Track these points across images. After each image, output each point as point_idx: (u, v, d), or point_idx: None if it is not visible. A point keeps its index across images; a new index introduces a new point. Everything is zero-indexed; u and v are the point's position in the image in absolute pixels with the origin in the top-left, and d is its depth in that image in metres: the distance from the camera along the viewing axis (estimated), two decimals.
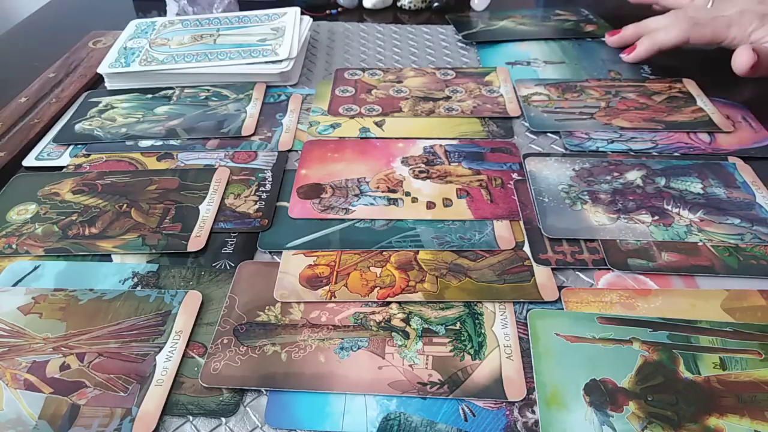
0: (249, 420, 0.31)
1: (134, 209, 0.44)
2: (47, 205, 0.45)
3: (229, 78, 0.59)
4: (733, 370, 0.32)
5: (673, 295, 0.37)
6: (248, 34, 0.63)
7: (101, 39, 0.69)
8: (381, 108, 0.55)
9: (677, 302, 0.36)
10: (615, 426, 0.30)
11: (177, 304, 0.37)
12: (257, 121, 0.54)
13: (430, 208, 0.43)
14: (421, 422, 0.31)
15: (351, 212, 0.43)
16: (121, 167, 0.49)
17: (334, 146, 0.50)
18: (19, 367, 0.34)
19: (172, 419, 0.31)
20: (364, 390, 0.32)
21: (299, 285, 0.38)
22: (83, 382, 0.33)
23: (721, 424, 0.30)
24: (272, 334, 0.35)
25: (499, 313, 0.36)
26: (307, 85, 0.61)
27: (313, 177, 0.47)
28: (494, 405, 0.31)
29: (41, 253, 0.41)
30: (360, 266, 0.39)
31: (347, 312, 0.36)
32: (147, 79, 0.59)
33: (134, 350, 0.34)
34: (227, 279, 0.39)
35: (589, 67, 0.62)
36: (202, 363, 0.34)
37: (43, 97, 0.59)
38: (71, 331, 0.36)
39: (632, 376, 0.32)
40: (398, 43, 0.68)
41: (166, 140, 0.52)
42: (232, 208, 0.44)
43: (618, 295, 0.37)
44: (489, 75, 0.60)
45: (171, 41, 0.62)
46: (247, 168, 0.49)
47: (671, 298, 0.36)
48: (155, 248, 0.41)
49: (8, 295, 0.38)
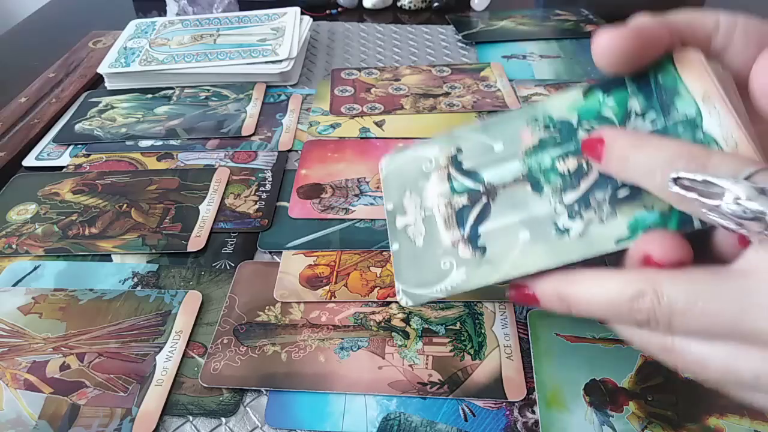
0: (249, 420, 0.31)
1: (134, 209, 0.44)
2: (47, 205, 0.45)
3: (229, 78, 0.59)
4: None
5: None
6: (248, 34, 0.63)
7: (101, 39, 0.69)
8: (383, 106, 0.55)
9: None
10: (615, 426, 0.30)
11: (177, 304, 0.37)
12: (257, 121, 0.54)
13: None
14: (421, 422, 0.31)
15: (351, 212, 0.43)
16: (121, 167, 0.49)
17: (334, 146, 0.50)
18: (19, 367, 0.34)
19: (172, 419, 0.31)
20: (364, 390, 0.32)
21: (299, 285, 0.38)
22: (83, 382, 0.33)
23: (721, 424, 0.30)
24: (272, 334, 0.35)
25: (499, 313, 0.36)
26: (307, 85, 0.60)
27: (313, 177, 0.47)
28: (494, 405, 0.31)
29: (41, 253, 0.41)
30: (360, 266, 0.39)
31: (347, 312, 0.36)
32: (147, 79, 0.59)
33: (134, 350, 0.34)
34: (227, 279, 0.39)
35: (584, 62, 0.62)
36: (202, 363, 0.34)
37: (43, 97, 0.59)
38: (71, 331, 0.36)
39: (632, 376, 0.32)
40: (398, 43, 0.68)
41: (166, 140, 0.52)
42: (232, 208, 0.44)
43: None
44: (484, 70, 0.60)
45: (171, 41, 0.62)
46: (247, 168, 0.49)
47: None
48: (155, 248, 0.41)
49: (8, 295, 0.38)
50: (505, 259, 0.27)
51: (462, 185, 0.29)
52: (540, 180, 0.27)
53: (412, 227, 0.30)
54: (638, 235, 0.24)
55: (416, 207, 0.31)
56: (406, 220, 0.31)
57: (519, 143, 0.29)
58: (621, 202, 0.25)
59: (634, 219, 0.24)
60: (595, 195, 0.26)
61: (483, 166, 0.29)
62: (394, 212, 0.31)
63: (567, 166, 0.27)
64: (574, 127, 0.27)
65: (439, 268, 0.29)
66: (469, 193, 0.29)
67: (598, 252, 0.25)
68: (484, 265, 0.27)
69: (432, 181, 0.31)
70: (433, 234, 0.30)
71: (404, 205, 0.31)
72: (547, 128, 0.28)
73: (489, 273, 0.27)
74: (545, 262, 0.26)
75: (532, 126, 0.28)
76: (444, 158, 0.31)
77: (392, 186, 0.32)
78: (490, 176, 0.29)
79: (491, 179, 0.29)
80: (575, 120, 0.27)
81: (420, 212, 0.30)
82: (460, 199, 0.29)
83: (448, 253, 0.29)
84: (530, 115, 0.29)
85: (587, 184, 0.26)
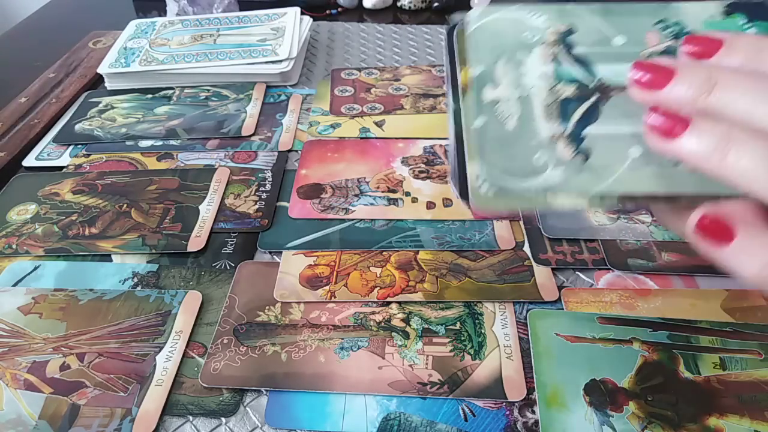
0: (249, 420, 0.31)
1: (134, 209, 0.44)
2: (47, 205, 0.45)
3: (229, 78, 0.59)
4: (733, 370, 0.32)
5: (673, 295, 0.37)
6: (248, 34, 0.62)
7: (101, 39, 0.69)
8: (383, 106, 0.55)
9: (677, 302, 0.36)
10: (615, 426, 0.30)
11: (177, 304, 0.37)
12: (257, 121, 0.54)
13: (430, 208, 0.43)
14: (421, 422, 0.31)
15: (351, 212, 0.43)
16: (121, 167, 0.49)
17: (334, 146, 0.50)
18: (19, 367, 0.34)
19: (172, 419, 0.31)
20: (364, 390, 0.32)
21: (299, 285, 0.38)
22: (83, 382, 0.33)
23: (721, 424, 0.30)
24: (272, 334, 0.35)
25: (499, 313, 0.36)
26: (307, 85, 0.60)
27: (313, 177, 0.47)
28: (494, 405, 0.31)
29: (41, 253, 0.41)
30: (360, 266, 0.39)
31: (347, 312, 0.36)
32: (147, 79, 0.59)
33: (134, 350, 0.34)
34: (227, 279, 0.39)
35: None
36: (202, 363, 0.34)
37: (43, 97, 0.59)
38: (71, 331, 0.36)
39: (632, 376, 0.32)
40: (398, 43, 0.68)
41: (166, 140, 0.52)
42: (232, 208, 0.44)
43: (618, 295, 0.37)
44: None
45: (171, 41, 0.62)
46: (247, 168, 0.49)
47: (671, 298, 0.36)
48: (155, 248, 0.41)
49: (8, 295, 0.38)
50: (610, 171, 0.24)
51: (570, 73, 0.25)
52: None
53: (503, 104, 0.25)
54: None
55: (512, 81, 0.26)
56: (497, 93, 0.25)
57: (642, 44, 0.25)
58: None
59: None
60: None
61: (598, 58, 0.25)
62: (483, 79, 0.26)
63: None
64: None
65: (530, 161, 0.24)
66: (578, 84, 0.25)
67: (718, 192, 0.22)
68: (585, 172, 0.24)
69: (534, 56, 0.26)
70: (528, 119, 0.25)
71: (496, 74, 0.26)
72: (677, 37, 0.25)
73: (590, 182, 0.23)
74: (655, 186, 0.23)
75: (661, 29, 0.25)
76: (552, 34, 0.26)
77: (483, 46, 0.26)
78: (606, 72, 0.25)
79: (606, 76, 0.25)
80: None
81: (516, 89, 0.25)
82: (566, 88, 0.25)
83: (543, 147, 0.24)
84: (660, 15, 0.25)
85: None
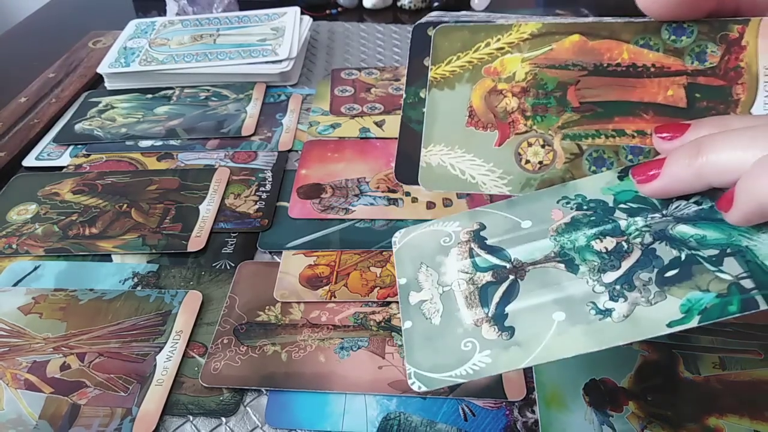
0: (249, 420, 0.31)
1: (134, 209, 0.44)
2: (47, 205, 0.45)
3: (229, 78, 0.59)
4: (733, 370, 0.32)
5: None
6: (248, 34, 0.63)
7: (101, 39, 0.69)
8: (383, 106, 0.55)
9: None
10: (615, 426, 0.30)
11: (177, 304, 0.37)
12: (257, 121, 0.54)
13: (430, 208, 0.43)
14: (421, 422, 0.31)
15: (351, 212, 0.43)
16: (121, 167, 0.49)
17: (334, 146, 0.50)
18: (19, 367, 0.34)
19: (173, 419, 0.31)
20: (364, 390, 0.32)
21: (299, 285, 0.38)
22: (83, 382, 0.33)
23: (720, 424, 0.30)
24: (272, 334, 0.35)
25: None
26: (307, 85, 0.61)
27: (313, 177, 0.47)
28: (494, 405, 0.31)
29: (41, 253, 0.41)
30: (360, 266, 0.39)
31: (347, 312, 0.36)
32: (147, 79, 0.59)
33: (134, 350, 0.34)
34: (227, 279, 0.39)
35: None
36: (203, 363, 0.34)
37: (43, 97, 0.59)
38: (71, 331, 0.36)
39: (632, 376, 0.32)
40: (398, 43, 0.68)
41: (166, 140, 0.52)
42: (232, 208, 0.44)
43: None
44: None
45: (171, 41, 0.62)
46: (247, 168, 0.49)
47: None
48: (155, 248, 0.41)
49: (8, 295, 0.38)
50: (537, 341, 0.25)
51: (486, 261, 0.28)
52: (574, 259, 0.26)
53: (428, 303, 0.28)
54: (694, 318, 0.22)
55: (433, 283, 0.29)
56: (421, 296, 0.28)
57: (549, 221, 0.28)
58: (670, 282, 0.24)
59: (687, 300, 0.23)
60: (639, 275, 0.24)
61: (509, 243, 0.28)
62: (408, 287, 0.29)
63: (604, 245, 0.26)
64: (610, 207, 0.27)
65: (459, 349, 0.26)
66: (494, 269, 0.27)
67: (649, 335, 0.23)
68: (512, 348, 0.25)
69: (451, 256, 0.29)
70: (452, 312, 0.27)
71: (419, 280, 0.29)
72: (580, 208, 0.27)
73: (519, 357, 0.25)
74: (586, 345, 0.24)
75: (563, 205, 0.28)
76: (465, 234, 0.29)
77: (406, 260, 0.30)
78: (518, 253, 0.27)
79: (519, 256, 0.27)
80: (611, 200, 0.27)
81: (437, 288, 0.28)
82: (483, 276, 0.28)
83: (469, 334, 0.26)
84: (560, 194, 0.28)
85: (629, 263, 0.25)
